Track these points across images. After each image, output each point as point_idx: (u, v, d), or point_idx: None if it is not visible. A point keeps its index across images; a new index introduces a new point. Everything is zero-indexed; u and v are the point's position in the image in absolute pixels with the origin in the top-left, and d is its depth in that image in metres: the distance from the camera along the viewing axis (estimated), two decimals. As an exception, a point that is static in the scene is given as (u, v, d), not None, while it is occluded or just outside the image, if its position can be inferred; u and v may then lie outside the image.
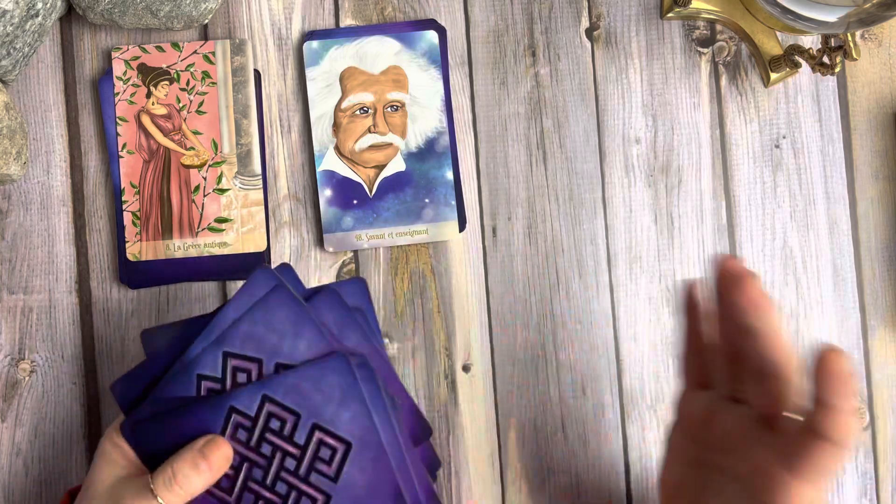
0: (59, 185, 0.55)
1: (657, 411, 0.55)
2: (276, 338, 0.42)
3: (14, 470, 0.54)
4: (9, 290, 0.55)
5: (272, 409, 0.42)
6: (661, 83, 0.57)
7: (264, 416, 0.42)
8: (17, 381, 0.54)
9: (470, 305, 0.56)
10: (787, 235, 0.56)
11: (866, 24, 0.47)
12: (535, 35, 0.57)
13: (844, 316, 0.56)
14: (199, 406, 0.42)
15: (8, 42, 0.50)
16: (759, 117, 0.57)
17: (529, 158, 0.56)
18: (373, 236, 0.55)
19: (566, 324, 0.56)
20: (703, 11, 0.56)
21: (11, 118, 0.51)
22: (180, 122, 0.55)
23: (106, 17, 0.53)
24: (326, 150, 0.55)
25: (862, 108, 0.57)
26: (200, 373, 0.42)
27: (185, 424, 0.42)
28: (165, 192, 0.54)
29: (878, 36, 0.57)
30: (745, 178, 0.57)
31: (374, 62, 0.55)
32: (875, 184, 0.57)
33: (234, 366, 0.42)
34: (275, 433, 0.42)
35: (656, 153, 0.57)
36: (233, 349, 0.42)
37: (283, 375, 0.42)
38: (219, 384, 0.42)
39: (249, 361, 0.42)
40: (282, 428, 0.42)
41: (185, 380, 0.42)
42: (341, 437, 0.42)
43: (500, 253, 0.56)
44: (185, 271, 0.54)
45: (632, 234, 0.56)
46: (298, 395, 0.41)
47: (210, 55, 0.55)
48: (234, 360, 0.42)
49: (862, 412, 0.56)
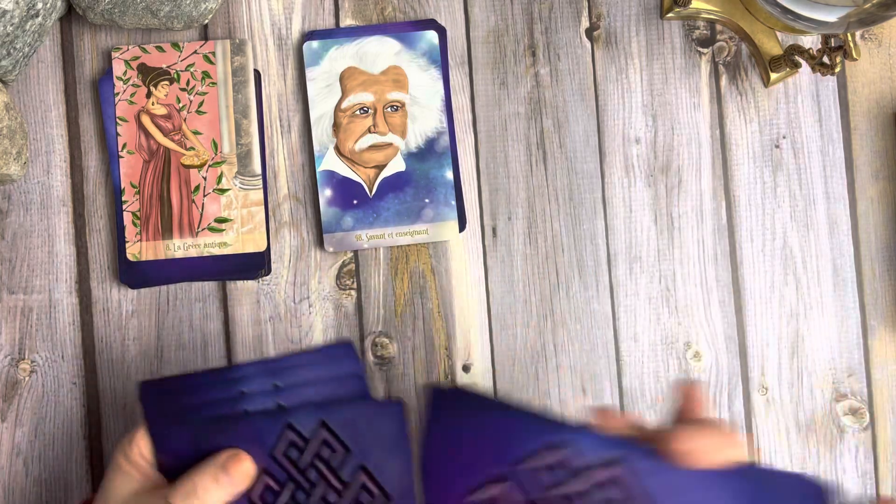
0: (59, 185, 0.55)
1: (657, 411, 0.55)
2: (374, 441, 0.41)
3: (14, 470, 0.54)
4: (9, 290, 0.55)
5: (326, 436, 0.41)
6: (661, 83, 0.57)
7: (318, 441, 0.41)
8: (17, 381, 0.54)
9: (470, 305, 0.56)
10: (787, 235, 0.56)
11: (866, 24, 0.47)
12: (535, 35, 0.57)
13: (844, 316, 0.56)
14: (255, 418, 0.41)
15: (8, 42, 0.50)
16: (759, 117, 0.57)
17: (529, 158, 0.56)
18: (373, 236, 0.55)
19: (566, 324, 0.56)
20: (703, 11, 0.56)
21: (11, 118, 0.51)
22: (180, 122, 0.55)
23: (106, 17, 0.53)
24: (326, 150, 0.55)
25: (862, 108, 0.57)
26: (291, 422, 0.41)
27: (233, 434, 0.41)
28: (165, 192, 0.54)
29: (878, 36, 0.57)
30: (745, 178, 0.57)
31: (374, 62, 0.55)
32: (875, 184, 0.57)
33: (325, 439, 0.41)
34: (324, 462, 0.41)
35: (656, 153, 0.57)
36: (331, 423, 0.41)
37: (342, 407, 0.41)
38: (303, 443, 0.41)
39: (340, 444, 0.41)
40: (331, 458, 0.41)
41: (271, 419, 0.41)
42: (384, 488, 0.41)
43: (500, 253, 0.56)
44: (185, 271, 0.54)
45: (632, 234, 0.56)
46: (353, 431, 0.41)
47: (210, 55, 0.55)
48: (326, 433, 0.41)
49: (862, 412, 0.56)
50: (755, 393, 0.56)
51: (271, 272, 0.55)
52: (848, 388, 0.56)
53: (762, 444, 0.55)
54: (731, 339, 0.56)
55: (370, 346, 0.55)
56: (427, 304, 0.56)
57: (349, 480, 0.41)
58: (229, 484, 0.39)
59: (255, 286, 0.55)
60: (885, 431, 0.56)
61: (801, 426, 0.56)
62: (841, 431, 0.56)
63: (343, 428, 0.41)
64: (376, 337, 0.55)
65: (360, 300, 0.55)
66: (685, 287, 0.56)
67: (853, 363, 0.56)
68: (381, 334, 0.55)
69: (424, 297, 0.56)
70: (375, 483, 0.41)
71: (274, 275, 0.55)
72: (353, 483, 0.41)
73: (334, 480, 0.41)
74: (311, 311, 0.55)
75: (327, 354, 0.42)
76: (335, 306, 0.55)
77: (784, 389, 0.56)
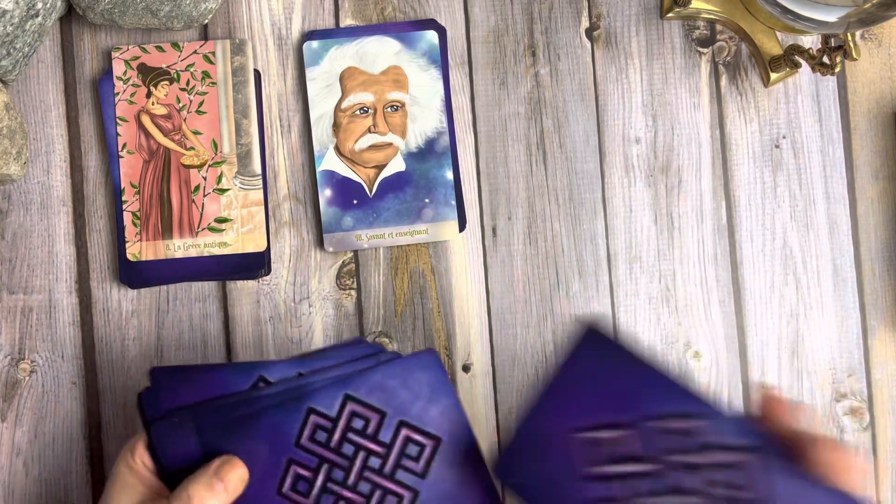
0: (59, 185, 0.55)
1: (657, 411, 0.55)
2: (409, 396, 0.41)
3: (14, 470, 0.54)
4: (9, 290, 0.55)
5: (355, 408, 0.41)
6: (661, 83, 0.57)
7: (346, 415, 0.41)
8: (17, 381, 0.54)
9: (470, 305, 0.56)
10: (787, 235, 0.56)
11: (866, 24, 0.47)
12: (535, 35, 0.57)
13: (844, 316, 0.56)
14: (273, 410, 0.41)
15: (8, 42, 0.50)
16: (759, 117, 0.57)
17: (529, 158, 0.56)
18: (373, 236, 0.55)
19: (566, 324, 0.56)
20: (703, 11, 0.56)
21: (11, 118, 0.51)
22: (180, 122, 0.55)
23: (106, 17, 0.53)
24: (326, 150, 0.55)
25: (862, 108, 0.57)
26: (313, 406, 0.41)
27: (254, 430, 0.41)
28: (165, 192, 0.54)
29: (878, 36, 0.57)
30: (745, 178, 0.57)
31: (374, 62, 0.55)
32: (875, 184, 0.57)
33: (353, 410, 0.41)
34: (358, 433, 0.41)
35: (656, 153, 0.57)
36: (356, 394, 0.41)
37: (367, 373, 0.41)
38: (330, 423, 0.41)
39: (371, 411, 0.41)
40: (365, 427, 0.41)
41: (291, 409, 0.41)
42: (430, 433, 0.41)
43: (500, 253, 0.56)
44: (185, 271, 0.54)
45: (632, 234, 0.56)
46: (384, 393, 0.41)
47: (210, 55, 0.55)
48: (354, 405, 0.41)
49: (862, 412, 0.56)
50: (755, 393, 0.56)
51: (271, 272, 0.55)
52: (848, 388, 0.56)
53: (762, 444, 0.55)
54: (731, 339, 0.56)
55: (370, 346, 0.55)
56: (427, 304, 0.56)
57: (390, 440, 0.41)
58: (223, 491, 0.40)
59: (255, 286, 0.55)
60: (885, 431, 0.56)
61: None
62: (841, 431, 0.56)
63: (371, 394, 0.41)
64: (376, 337, 0.55)
65: (360, 300, 0.55)
66: (685, 287, 0.56)
67: (853, 363, 0.56)
68: (381, 334, 0.55)
69: (424, 297, 0.56)
70: (420, 431, 0.41)
71: (274, 275, 0.55)
72: (396, 440, 0.41)
73: (374, 446, 0.41)
74: (311, 311, 0.55)
75: (347, 346, 0.42)
76: (335, 306, 0.55)
77: (784, 389, 0.56)
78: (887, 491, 0.56)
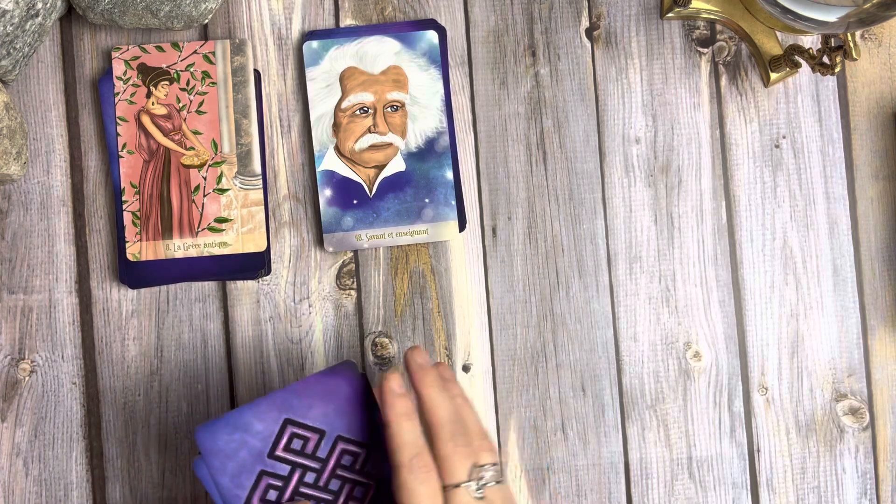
0: (59, 185, 0.55)
1: (657, 411, 0.55)
2: (337, 410, 0.43)
3: (14, 470, 0.54)
4: (9, 290, 0.55)
5: (295, 430, 0.43)
6: (661, 83, 0.57)
7: (287, 438, 0.43)
8: (17, 381, 0.54)
9: (470, 305, 0.56)
10: (787, 235, 0.56)
11: (866, 24, 0.47)
12: (535, 35, 0.57)
13: (844, 316, 0.56)
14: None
15: (8, 42, 0.50)
16: (759, 117, 0.57)
17: (529, 158, 0.56)
18: (373, 236, 0.55)
19: (566, 324, 0.56)
20: (703, 11, 0.56)
21: (11, 118, 0.51)
22: (180, 122, 0.55)
23: (106, 17, 0.53)
24: (326, 150, 0.55)
25: (862, 108, 0.57)
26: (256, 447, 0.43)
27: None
28: (165, 192, 0.54)
29: (878, 36, 0.57)
30: (745, 178, 0.57)
31: (374, 62, 0.55)
32: (875, 184, 0.57)
33: (294, 433, 0.43)
34: (303, 454, 0.43)
35: (656, 153, 0.57)
36: (296, 417, 0.42)
37: (301, 397, 0.43)
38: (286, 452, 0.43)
39: (311, 431, 0.43)
40: (304, 447, 0.43)
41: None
42: (360, 442, 0.43)
43: (500, 253, 0.56)
44: (185, 271, 0.54)
45: (632, 234, 0.56)
46: (317, 412, 0.43)
47: (210, 55, 0.55)
48: (294, 428, 0.43)
49: (862, 412, 0.56)
50: (755, 393, 0.56)
51: (271, 272, 0.55)
52: (848, 388, 0.56)
53: (762, 444, 0.55)
54: (731, 339, 0.56)
55: (370, 346, 0.55)
56: (427, 304, 0.56)
57: (326, 455, 0.43)
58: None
59: (255, 286, 0.55)
60: (885, 431, 0.56)
61: (801, 426, 0.56)
62: (841, 431, 0.56)
63: (307, 414, 0.42)
64: (376, 337, 0.55)
65: (360, 300, 0.55)
66: (685, 287, 0.56)
67: (853, 363, 0.56)
68: (381, 334, 0.55)
69: (424, 297, 0.56)
70: (354, 443, 0.43)
71: (274, 275, 0.55)
72: (333, 454, 0.43)
73: (313, 464, 0.42)
74: (311, 311, 0.55)
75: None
76: (335, 306, 0.55)
77: (784, 389, 0.56)
78: (887, 491, 0.56)
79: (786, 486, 0.55)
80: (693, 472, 0.55)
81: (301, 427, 0.42)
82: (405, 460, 0.40)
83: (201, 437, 0.41)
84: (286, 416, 0.42)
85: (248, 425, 0.42)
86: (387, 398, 0.42)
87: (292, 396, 0.42)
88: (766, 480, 0.55)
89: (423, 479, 0.40)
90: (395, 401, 0.41)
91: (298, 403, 0.42)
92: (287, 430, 0.42)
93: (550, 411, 0.55)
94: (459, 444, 0.41)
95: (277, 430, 0.42)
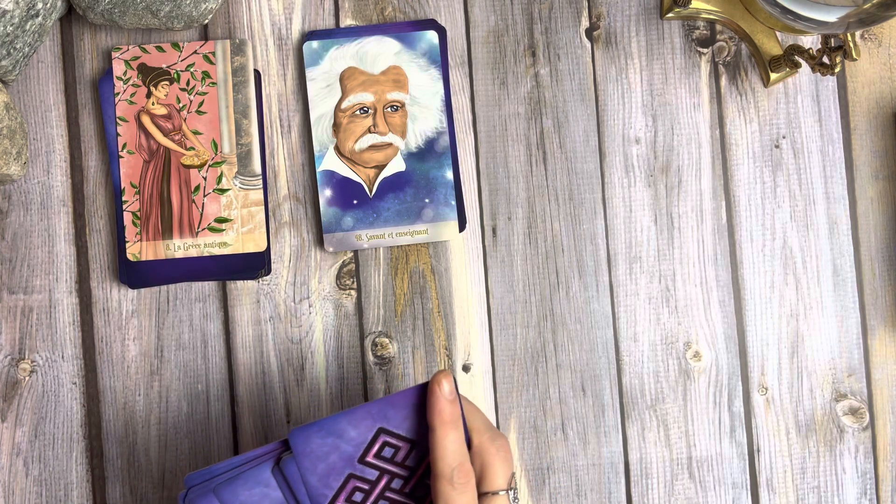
0: (59, 185, 0.55)
1: (657, 411, 0.55)
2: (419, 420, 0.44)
3: (14, 470, 0.54)
4: (9, 290, 0.55)
5: (387, 438, 0.43)
6: (661, 83, 0.57)
7: (380, 445, 0.43)
8: (17, 381, 0.54)
9: (470, 305, 0.56)
10: (787, 235, 0.56)
11: (866, 24, 0.47)
12: (535, 35, 0.57)
13: (844, 316, 0.56)
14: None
15: (8, 42, 0.50)
16: (759, 117, 0.57)
17: (529, 158, 0.56)
18: (373, 236, 0.55)
19: (566, 324, 0.56)
20: (703, 11, 0.56)
21: (11, 118, 0.51)
22: (180, 122, 0.55)
23: (106, 17, 0.53)
24: (326, 150, 0.55)
25: (862, 108, 0.57)
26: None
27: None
28: (165, 192, 0.54)
29: (878, 36, 0.57)
30: (745, 178, 0.57)
31: (374, 62, 0.55)
32: (875, 184, 0.57)
33: (386, 441, 0.43)
34: (388, 460, 0.44)
35: (656, 153, 0.57)
36: (390, 427, 0.43)
37: (395, 405, 0.43)
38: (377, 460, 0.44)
39: (401, 440, 0.43)
40: (394, 455, 0.43)
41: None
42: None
43: (500, 253, 0.56)
44: (185, 271, 0.54)
45: (632, 234, 0.56)
46: (407, 423, 0.44)
47: (210, 55, 0.55)
48: (386, 437, 0.43)
49: (862, 412, 0.56)
50: (755, 393, 0.56)
51: (271, 272, 0.55)
52: (848, 388, 0.56)
53: (762, 444, 0.55)
54: (731, 339, 0.56)
55: (370, 346, 0.55)
56: (427, 304, 0.56)
57: (415, 465, 0.43)
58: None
59: (255, 286, 0.55)
60: (884, 431, 0.56)
61: (801, 426, 0.56)
62: (841, 431, 0.56)
63: (401, 425, 0.43)
64: (376, 337, 0.55)
65: (360, 300, 0.55)
66: (685, 287, 0.56)
67: (853, 363, 0.56)
68: (381, 334, 0.55)
69: (424, 297, 0.56)
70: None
71: (274, 275, 0.55)
72: (422, 464, 0.43)
73: (402, 471, 0.44)
74: (311, 311, 0.55)
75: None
76: (335, 306, 0.55)
77: (784, 389, 0.56)
78: (887, 491, 0.56)
79: (786, 486, 0.55)
80: (693, 472, 0.55)
81: (394, 437, 0.43)
82: (447, 471, 0.41)
83: (295, 439, 0.42)
84: (381, 425, 0.42)
85: (342, 431, 0.42)
86: (437, 403, 0.41)
87: (388, 407, 0.43)
88: (766, 480, 0.55)
89: (462, 489, 0.41)
90: (445, 406, 0.41)
91: (394, 414, 0.42)
92: (380, 438, 0.42)
93: (550, 411, 0.55)
94: (501, 451, 0.42)
95: (370, 438, 0.42)
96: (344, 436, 0.42)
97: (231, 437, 0.55)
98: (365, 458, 0.43)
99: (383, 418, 0.43)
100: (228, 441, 0.55)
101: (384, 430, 0.43)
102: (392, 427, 0.43)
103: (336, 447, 0.42)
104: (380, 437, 0.42)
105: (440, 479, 0.41)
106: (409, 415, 0.43)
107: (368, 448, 0.43)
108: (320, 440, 0.42)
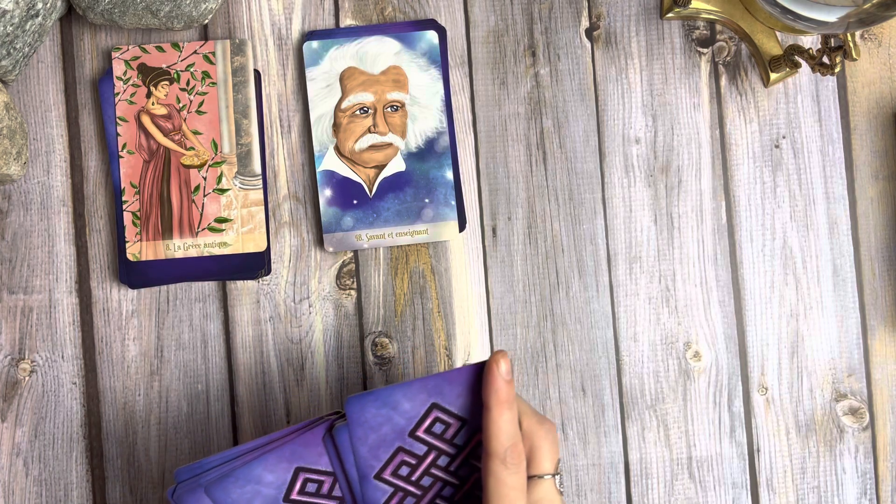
0: (59, 185, 0.55)
1: (657, 411, 0.55)
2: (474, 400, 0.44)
3: (14, 470, 0.54)
4: (9, 290, 0.55)
5: (439, 414, 0.43)
6: (661, 83, 0.57)
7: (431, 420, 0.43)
8: (17, 381, 0.54)
9: (470, 305, 0.56)
10: (787, 235, 0.57)
11: (866, 24, 0.47)
12: (535, 35, 0.57)
13: (844, 316, 0.56)
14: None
15: (8, 42, 0.50)
16: (759, 117, 0.57)
17: (529, 158, 0.56)
18: (373, 236, 0.55)
19: (566, 324, 0.56)
20: (703, 11, 0.56)
21: (11, 118, 0.51)
22: (180, 122, 0.55)
23: (106, 17, 0.53)
24: (326, 150, 0.55)
25: (862, 108, 0.57)
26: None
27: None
28: (165, 192, 0.54)
29: (878, 36, 0.57)
30: (745, 178, 0.57)
31: (374, 62, 0.55)
32: (875, 184, 0.57)
33: (437, 417, 0.43)
34: (437, 437, 0.44)
35: (656, 153, 0.57)
36: (443, 403, 0.43)
37: (452, 383, 0.43)
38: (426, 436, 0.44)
39: (453, 418, 0.43)
40: (444, 432, 0.43)
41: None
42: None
43: (500, 253, 0.56)
44: (185, 271, 0.54)
45: (632, 234, 0.56)
46: (461, 401, 0.43)
47: (210, 55, 0.55)
48: (439, 412, 0.43)
49: (862, 412, 0.56)
50: (755, 393, 0.56)
51: (271, 272, 0.55)
52: (848, 388, 0.56)
53: (762, 444, 0.55)
54: (731, 339, 0.56)
55: (370, 345, 0.55)
56: (427, 304, 0.56)
57: (463, 443, 0.43)
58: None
59: (255, 286, 0.55)
60: (884, 431, 0.56)
61: (801, 426, 0.56)
62: (841, 431, 0.56)
63: (454, 402, 0.43)
64: (376, 337, 0.55)
65: (360, 300, 0.55)
66: (685, 287, 0.56)
67: (853, 363, 0.56)
68: (381, 334, 0.55)
69: (424, 297, 0.56)
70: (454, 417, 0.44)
71: (274, 275, 0.55)
72: (470, 443, 0.43)
73: (450, 449, 0.43)
74: (311, 311, 0.55)
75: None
76: (335, 306, 0.55)
77: (784, 389, 0.56)
78: (887, 491, 0.56)
79: (786, 486, 0.55)
80: (693, 472, 0.55)
81: (446, 413, 0.43)
82: (500, 450, 0.40)
83: (351, 406, 0.42)
84: (434, 400, 0.42)
85: (396, 403, 0.42)
86: (494, 382, 0.41)
87: (444, 383, 0.42)
88: (766, 480, 0.55)
89: (514, 470, 0.40)
90: (502, 386, 0.41)
91: (449, 391, 0.42)
92: (432, 413, 0.42)
93: (550, 411, 0.55)
94: (549, 435, 0.42)
95: (423, 412, 0.42)
96: (398, 408, 0.42)
97: (231, 437, 0.55)
98: (416, 432, 0.43)
99: (438, 394, 0.42)
100: (228, 441, 0.55)
101: (437, 405, 0.42)
102: (445, 403, 0.42)
103: (389, 419, 0.42)
104: (432, 413, 0.42)
105: (493, 459, 0.40)
106: (462, 392, 0.42)
107: (420, 422, 0.42)
108: (375, 410, 0.42)
